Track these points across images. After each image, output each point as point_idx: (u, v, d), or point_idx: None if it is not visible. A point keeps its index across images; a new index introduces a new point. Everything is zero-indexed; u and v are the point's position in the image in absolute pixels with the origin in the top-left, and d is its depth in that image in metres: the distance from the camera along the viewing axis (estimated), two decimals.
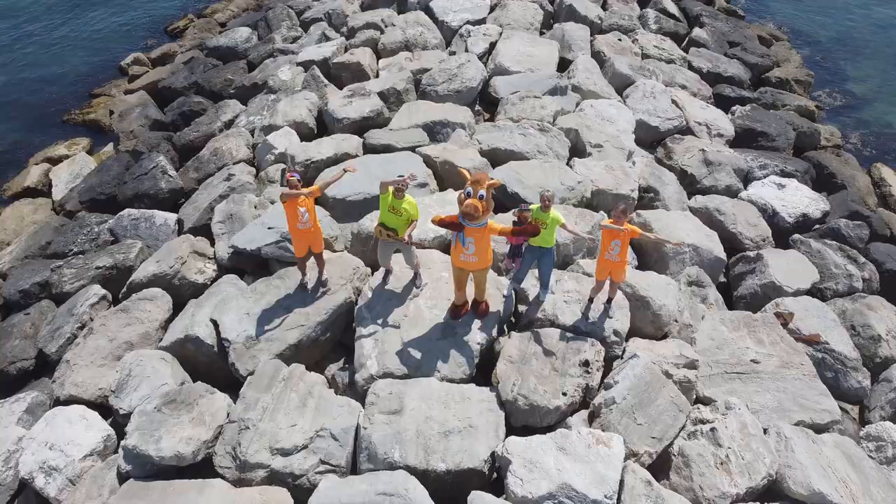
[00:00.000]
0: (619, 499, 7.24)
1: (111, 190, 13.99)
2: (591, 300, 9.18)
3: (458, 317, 8.99)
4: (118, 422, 8.83)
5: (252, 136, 14.36)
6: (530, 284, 9.50)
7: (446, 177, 11.86)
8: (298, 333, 9.08)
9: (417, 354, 8.65)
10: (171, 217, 12.59)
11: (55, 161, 16.19)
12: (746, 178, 13.97)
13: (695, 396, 8.96)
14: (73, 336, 10.28)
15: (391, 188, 8.49)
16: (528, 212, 8.58)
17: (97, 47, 21.61)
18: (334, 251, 10.58)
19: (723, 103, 16.52)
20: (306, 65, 16.00)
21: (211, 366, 9.37)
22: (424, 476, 7.43)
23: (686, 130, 14.80)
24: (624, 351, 9.11)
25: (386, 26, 17.26)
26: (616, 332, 9.05)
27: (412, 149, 12.32)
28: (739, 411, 8.30)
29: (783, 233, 12.60)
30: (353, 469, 7.87)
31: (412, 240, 8.85)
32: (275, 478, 7.62)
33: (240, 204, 11.75)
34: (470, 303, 9.09)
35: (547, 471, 7.22)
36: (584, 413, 8.43)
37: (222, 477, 7.67)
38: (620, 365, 8.69)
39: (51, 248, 12.73)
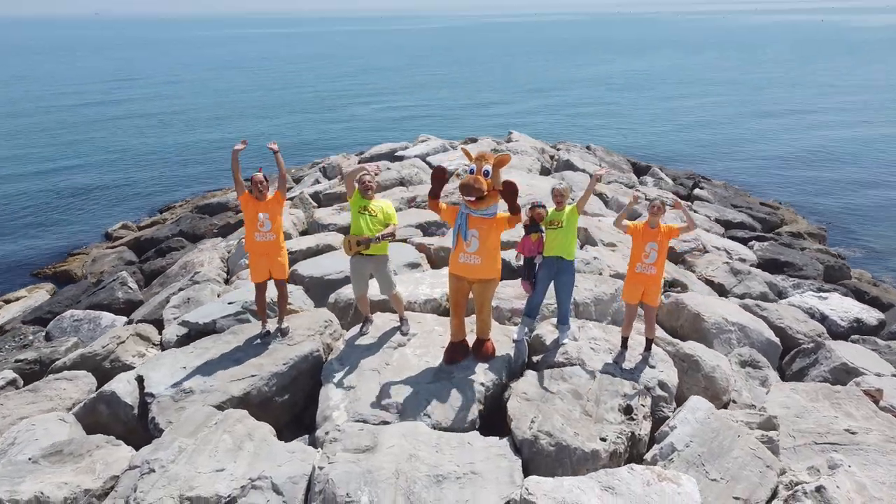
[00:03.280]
0: None
1: (61, 309, 12.28)
2: (624, 343, 7.14)
3: (455, 360, 6.90)
4: None
5: (228, 253, 13.02)
6: (546, 331, 7.52)
7: (440, 263, 10.33)
8: (246, 385, 6.87)
9: (401, 399, 6.42)
10: (121, 320, 10.75)
11: (11, 301, 14.68)
12: (780, 296, 12.37)
13: (780, 467, 6.53)
14: None
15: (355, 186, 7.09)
16: (542, 209, 7.01)
17: (87, 218, 21.14)
18: None
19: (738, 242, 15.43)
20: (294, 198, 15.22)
21: (127, 437, 6.92)
22: None
23: (704, 252, 13.51)
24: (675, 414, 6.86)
25: (381, 171, 16.83)
26: (662, 385, 6.88)
27: (403, 240, 10.95)
28: (850, 469, 5.92)
29: (836, 337, 10.66)
30: None
31: (388, 235, 7.11)
32: None
33: (200, 291, 10.04)
34: (471, 344, 7.07)
35: None
36: None
37: None
38: (676, 411, 6.44)
39: None
